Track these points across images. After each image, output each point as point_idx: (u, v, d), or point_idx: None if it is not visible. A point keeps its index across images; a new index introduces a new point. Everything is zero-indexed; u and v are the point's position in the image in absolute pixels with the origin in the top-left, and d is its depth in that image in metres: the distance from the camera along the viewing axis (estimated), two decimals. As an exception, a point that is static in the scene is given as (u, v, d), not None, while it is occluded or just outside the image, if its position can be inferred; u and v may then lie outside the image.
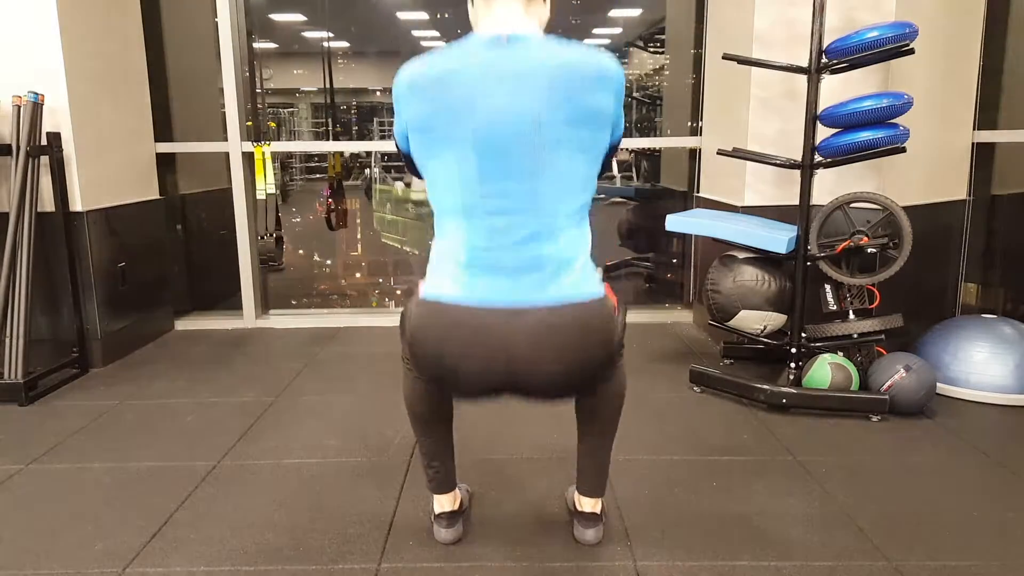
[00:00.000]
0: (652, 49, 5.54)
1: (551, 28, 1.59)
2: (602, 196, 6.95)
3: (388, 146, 6.12)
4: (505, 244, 1.45)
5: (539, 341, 1.45)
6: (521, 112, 1.40)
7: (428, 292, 1.52)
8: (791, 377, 2.83)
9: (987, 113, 3.37)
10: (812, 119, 2.72)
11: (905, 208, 2.70)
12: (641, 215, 5.10)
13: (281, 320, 4.10)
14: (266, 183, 3.89)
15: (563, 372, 1.50)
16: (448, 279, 1.49)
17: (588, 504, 1.86)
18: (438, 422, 1.82)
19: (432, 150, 1.48)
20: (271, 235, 4.72)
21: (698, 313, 3.97)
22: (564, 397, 1.65)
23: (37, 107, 3.01)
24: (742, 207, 3.29)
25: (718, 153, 3.05)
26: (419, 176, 1.61)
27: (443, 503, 1.87)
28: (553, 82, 1.41)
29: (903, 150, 2.63)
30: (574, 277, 1.48)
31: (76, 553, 1.84)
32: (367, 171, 6.19)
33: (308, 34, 6.14)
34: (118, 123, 3.55)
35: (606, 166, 1.61)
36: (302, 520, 1.99)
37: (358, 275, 5.64)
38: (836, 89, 2.82)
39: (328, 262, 5.97)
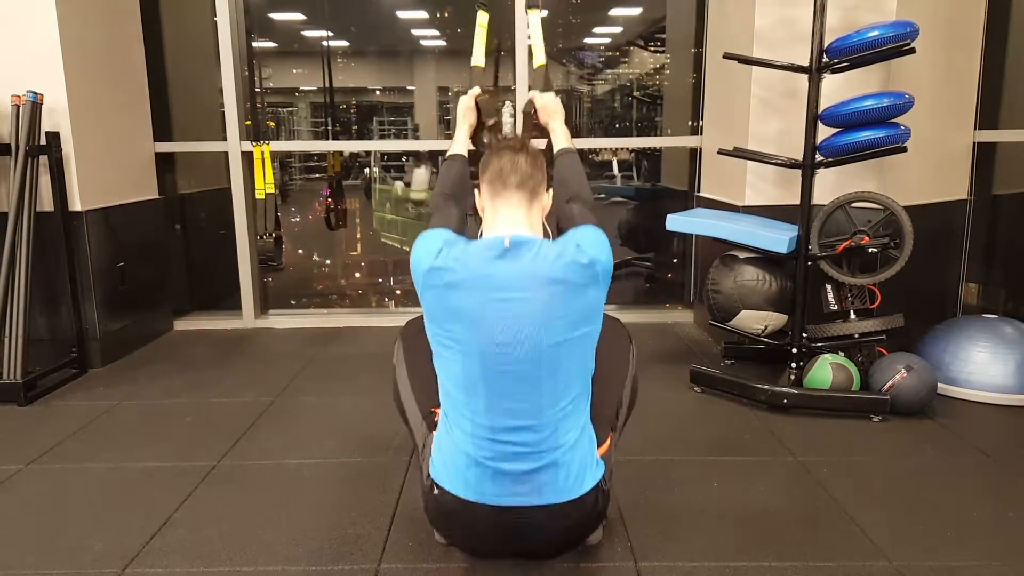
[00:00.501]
0: (652, 48, 5.54)
1: (554, 26, 1.61)
2: (603, 196, 6.96)
3: (388, 146, 6.12)
4: (507, 453, 1.54)
5: (542, 536, 1.62)
6: (523, 326, 1.50)
7: (439, 478, 1.62)
8: (792, 377, 2.82)
9: (988, 113, 3.36)
10: (813, 118, 2.71)
11: (906, 208, 2.70)
12: (641, 215, 5.10)
13: (281, 320, 4.09)
14: (265, 183, 3.88)
15: (562, 547, 1.73)
16: (456, 474, 1.59)
17: None
18: None
19: (443, 344, 1.58)
20: (270, 235, 4.71)
21: (699, 313, 3.96)
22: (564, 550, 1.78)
23: (36, 107, 3.01)
24: (743, 207, 3.28)
25: (719, 152, 3.04)
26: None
27: None
28: (552, 296, 1.51)
29: (904, 150, 2.62)
30: (573, 476, 1.58)
31: (76, 553, 1.84)
32: (367, 171, 6.18)
33: (308, 33, 6.14)
34: (118, 123, 3.55)
35: None
36: (302, 520, 1.98)
37: (358, 275, 5.64)
38: (837, 88, 2.82)
39: (328, 262, 5.96)
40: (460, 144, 2.05)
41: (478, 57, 2.32)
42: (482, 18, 2.34)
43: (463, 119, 2.07)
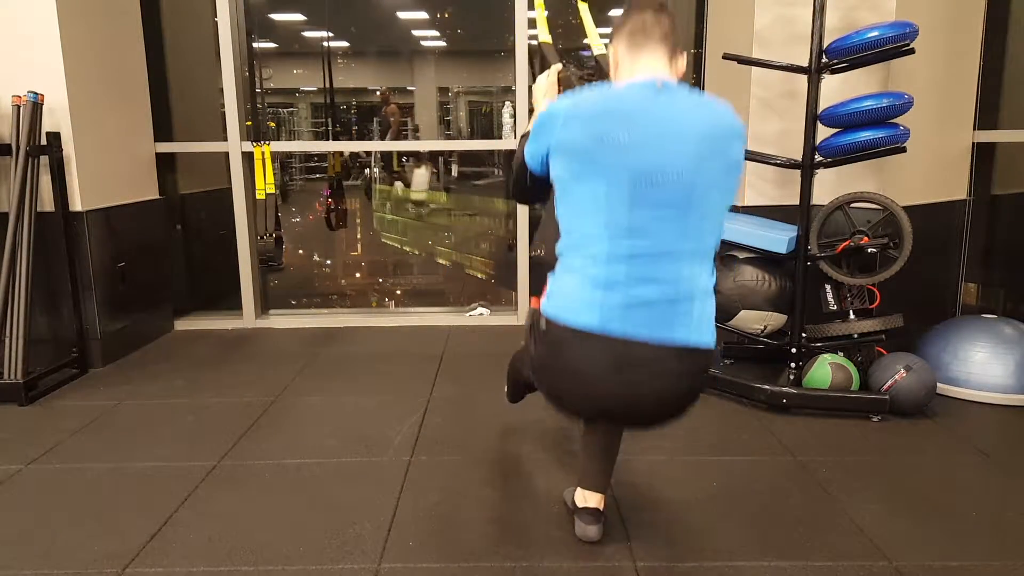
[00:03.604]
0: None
1: (554, 27, 1.60)
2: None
3: (388, 146, 6.12)
4: (645, 275, 1.49)
5: (661, 383, 1.53)
6: (680, 154, 1.47)
7: (560, 315, 1.54)
8: (791, 377, 2.83)
9: (987, 113, 3.37)
10: (812, 119, 2.72)
11: (905, 208, 2.70)
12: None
13: (281, 320, 4.10)
14: (266, 183, 3.89)
15: (666, 411, 1.62)
16: (581, 305, 1.51)
17: (593, 500, 1.88)
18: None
19: (583, 175, 1.51)
20: (271, 235, 4.72)
21: (698, 313, 3.96)
22: (652, 424, 1.74)
23: (37, 107, 3.01)
24: (742, 207, 3.29)
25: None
26: (532, 201, 1.75)
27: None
28: (708, 132, 1.49)
29: (903, 150, 2.63)
30: (704, 322, 1.54)
31: (76, 553, 1.84)
32: (367, 171, 6.19)
33: (308, 34, 6.14)
34: (118, 123, 3.55)
35: None
36: (302, 520, 1.98)
37: (358, 275, 5.64)
38: (836, 89, 2.82)
39: (328, 262, 5.96)
40: None
41: (545, 33, 2.26)
42: None
43: (544, 96, 1.96)
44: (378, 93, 6.20)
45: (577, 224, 1.54)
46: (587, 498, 1.88)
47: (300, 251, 5.99)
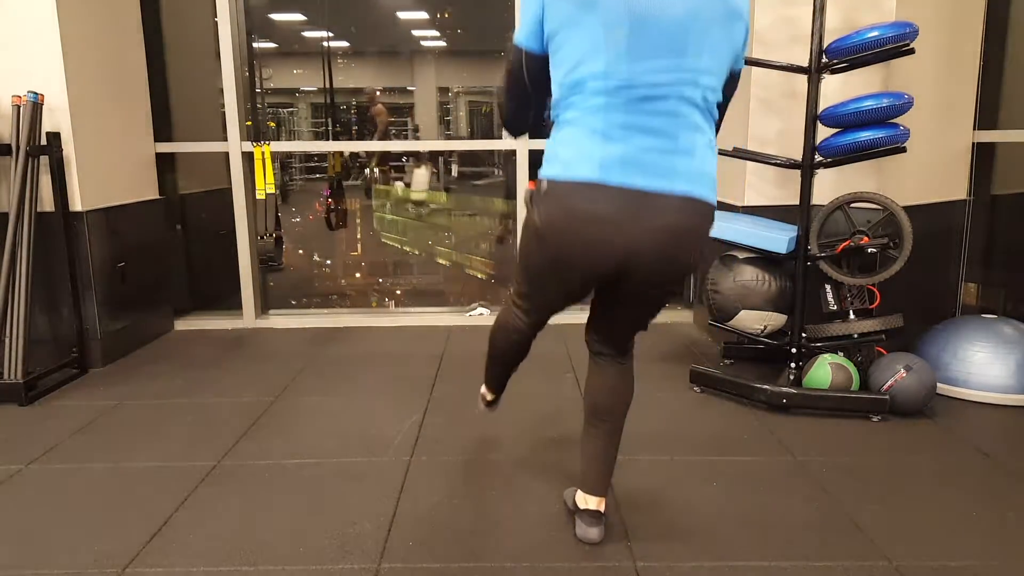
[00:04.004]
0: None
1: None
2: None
3: (388, 146, 6.11)
4: (643, 125, 1.48)
5: (661, 235, 1.50)
6: (678, 4, 1.45)
7: (559, 174, 1.52)
8: (791, 377, 2.83)
9: (987, 113, 3.36)
10: (812, 119, 2.72)
11: (905, 208, 2.70)
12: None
13: (281, 320, 4.10)
14: (266, 183, 3.89)
15: (662, 271, 1.57)
16: (582, 158, 1.50)
17: (593, 502, 1.87)
18: (515, 361, 1.99)
19: (581, 19, 1.47)
20: (271, 235, 4.72)
21: (698, 313, 3.96)
22: (650, 295, 1.68)
23: (37, 107, 3.01)
24: (742, 207, 3.28)
25: (718, 153, 3.04)
26: (530, 111, 1.65)
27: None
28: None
29: (903, 150, 2.63)
30: (704, 177, 1.53)
31: (76, 553, 1.84)
32: (367, 171, 6.18)
33: (308, 34, 6.14)
34: (118, 123, 3.55)
35: (723, 108, 1.67)
36: (302, 520, 1.98)
37: (358, 275, 5.64)
38: (836, 89, 2.82)
39: (328, 262, 5.96)
40: None
41: None
42: None
43: None
44: (365, 93, 6.21)
45: (573, 76, 1.51)
46: (587, 501, 1.88)
47: (300, 251, 5.99)
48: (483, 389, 2.18)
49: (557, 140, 1.56)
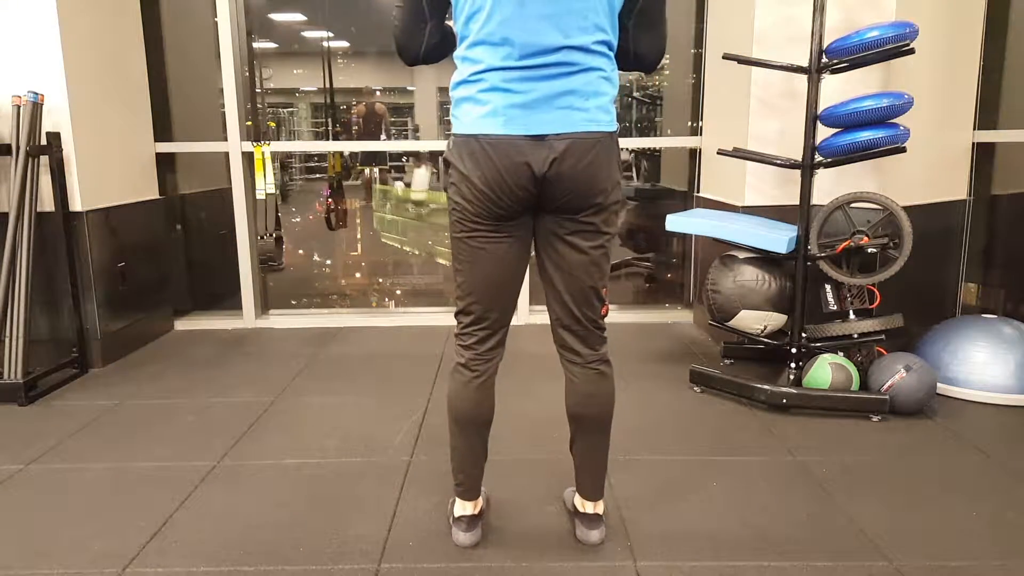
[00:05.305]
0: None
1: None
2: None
3: (388, 146, 6.11)
4: (536, 75, 1.53)
5: (560, 157, 1.56)
6: None
7: (462, 130, 1.61)
8: (791, 377, 2.83)
9: (987, 113, 3.36)
10: (812, 119, 2.72)
11: (905, 208, 2.70)
12: (641, 215, 5.10)
13: (281, 320, 4.10)
14: (266, 183, 3.89)
15: (581, 183, 1.59)
16: (482, 116, 1.57)
17: (590, 506, 1.87)
18: (479, 427, 1.81)
19: None
20: (271, 235, 4.72)
21: (698, 313, 3.96)
22: (580, 223, 1.66)
23: (37, 107, 3.01)
24: (742, 207, 3.28)
25: (718, 153, 3.04)
26: (422, 42, 1.69)
27: (464, 507, 1.87)
28: None
29: (903, 150, 2.63)
30: (600, 112, 1.58)
31: (76, 553, 1.84)
32: (367, 171, 6.18)
33: (308, 34, 6.14)
34: (118, 123, 3.55)
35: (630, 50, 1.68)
36: (302, 520, 1.98)
37: (358, 275, 5.64)
38: (836, 89, 2.82)
39: (328, 262, 5.96)
40: None
41: None
42: None
43: None
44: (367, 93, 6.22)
45: (466, 31, 1.58)
46: (585, 505, 1.88)
47: (300, 251, 5.99)
48: (454, 506, 1.90)
49: (460, 104, 1.64)
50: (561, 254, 1.68)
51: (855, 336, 2.83)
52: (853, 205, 2.77)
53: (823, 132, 2.73)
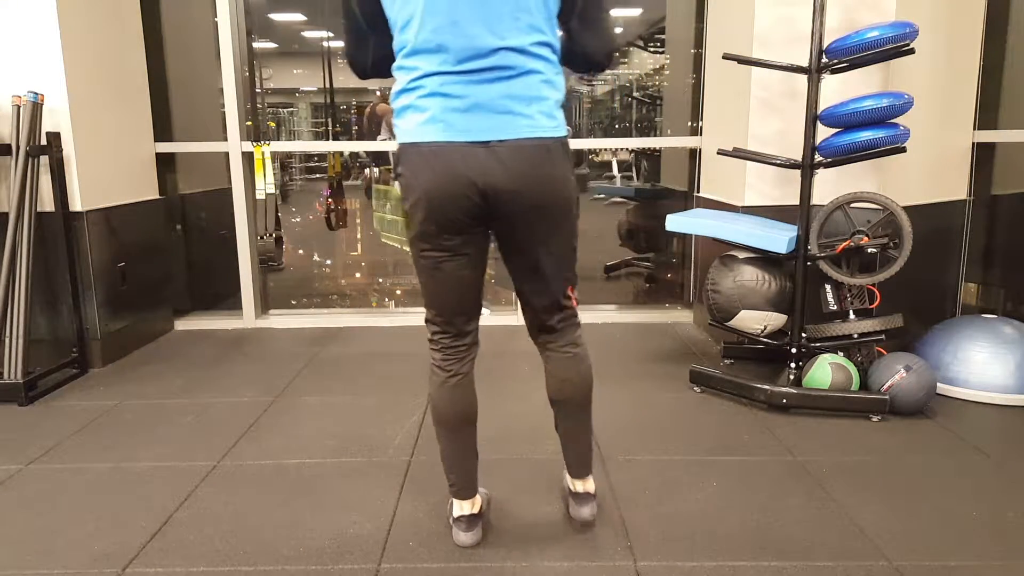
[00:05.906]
0: (652, 49, 5.55)
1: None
2: (602, 196, 6.96)
3: (388, 147, 6.11)
4: (474, 80, 1.52)
5: (505, 166, 1.55)
6: None
7: (407, 138, 1.60)
8: (791, 377, 2.83)
9: (987, 113, 3.36)
10: (812, 119, 2.72)
11: (905, 208, 2.70)
12: (641, 215, 5.10)
13: (281, 320, 4.10)
14: (266, 183, 3.89)
15: (528, 195, 1.58)
16: (424, 124, 1.56)
17: (580, 484, 1.91)
18: (462, 426, 1.82)
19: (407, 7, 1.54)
20: (271, 235, 4.72)
21: (698, 313, 3.96)
22: (537, 232, 1.65)
23: (37, 107, 3.01)
24: (742, 207, 3.28)
25: (718, 153, 3.04)
26: (359, 59, 1.71)
27: (462, 506, 1.87)
28: None
29: (903, 150, 2.63)
30: (544, 117, 1.57)
31: (76, 553, 1.84)
32: (367, 171, 6.19)
33: (308, 34, 6.15)
34: (118, 123, 3.55)
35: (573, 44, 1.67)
36: (302, 520, 1.98)
37: (358, 275, 5.64)
38: (836, 89, 2.82)
39: (328, 262, 5.97)
40: None
41: None
42: None
43: None
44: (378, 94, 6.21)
45: (401, 39, 1.57)
46: (575, 484, 1.92)
47: (300, 251, 5.99)
48: (451, 506, 1.91)
49: (403, 113, 1.63)
50: (524, 257, 1.69)
51: (855, 336, 2.83)
52: (853, 205, 2.77)
53: (823, 132, 2.74)
